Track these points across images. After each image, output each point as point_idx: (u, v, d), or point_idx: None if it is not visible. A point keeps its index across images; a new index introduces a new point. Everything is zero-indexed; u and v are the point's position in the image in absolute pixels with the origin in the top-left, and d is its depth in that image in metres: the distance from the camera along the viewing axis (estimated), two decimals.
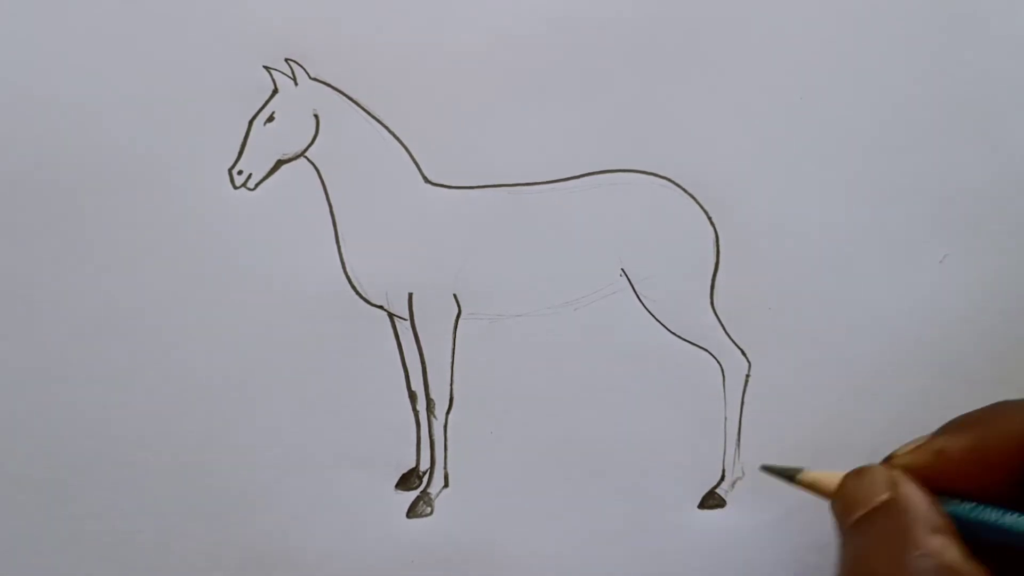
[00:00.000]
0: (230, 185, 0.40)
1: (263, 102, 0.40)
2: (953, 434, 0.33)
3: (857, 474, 0.34)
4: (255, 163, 0.40)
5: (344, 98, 0.41)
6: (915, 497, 0.32)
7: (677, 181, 0.42)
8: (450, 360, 0.41)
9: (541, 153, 0.41)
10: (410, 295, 0.41)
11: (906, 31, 0.42)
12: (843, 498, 0.34)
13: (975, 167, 0.42)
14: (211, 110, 0.40)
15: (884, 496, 0.32)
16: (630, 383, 0.41)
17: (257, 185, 0.40)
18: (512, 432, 0.41)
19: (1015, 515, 0.32)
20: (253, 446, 0.40)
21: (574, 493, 0.41)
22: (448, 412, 0.41)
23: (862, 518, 0.32)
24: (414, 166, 0.41)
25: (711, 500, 0.41)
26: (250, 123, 0.40)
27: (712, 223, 0.42)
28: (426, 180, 0.41)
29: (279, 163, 0.40)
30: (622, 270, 0.41)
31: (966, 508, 0.32)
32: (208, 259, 0.40)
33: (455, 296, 0.41)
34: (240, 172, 0.40)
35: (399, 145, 0.41)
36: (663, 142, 0.42)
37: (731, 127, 0.42)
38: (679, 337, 0.41)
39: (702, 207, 0.42)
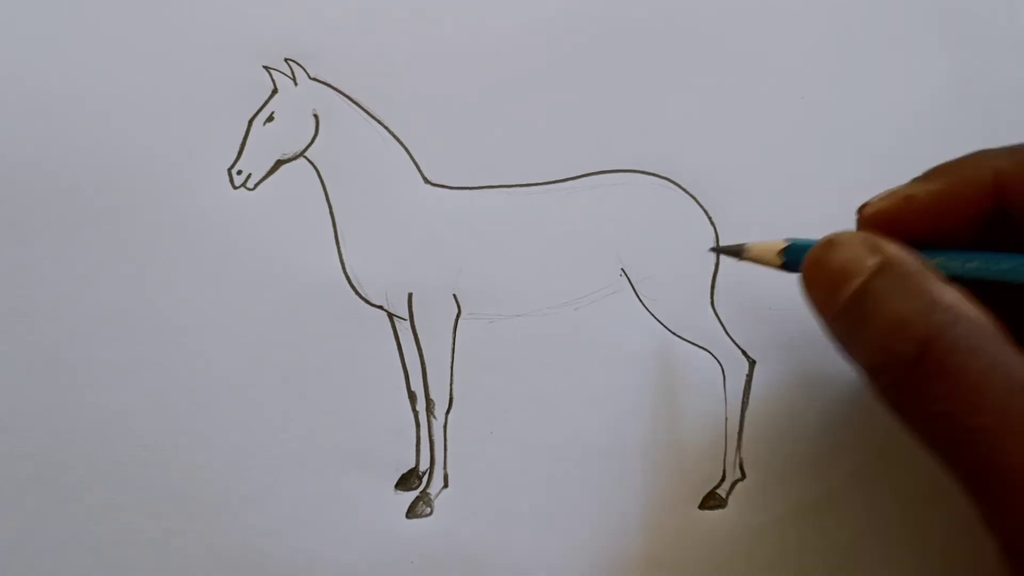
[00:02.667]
0: (229, 185, 0.40)
1: (263, 102, 0.40)
2: (923, 181, 0.33)
3: (828, 246, 0.31)
4: (254, 163, 0.40)
5: (344, 98, 0.41)
6: (907, 257, 0.30)
7: (677, 181, 0.42)
8: (450, 360, 0.41)
9: (541, 153, 0.41)
10: (410, 295, 0.41)
11: (906, 31, 0.42)
12: (821, 276, 0.31)
13: None
14: (210, 110, 0.40)
15: (874, 261, 0.30)
16: (630, 383, 0.41)
17: (256, 185, 0.40)
18: (512, 432, 0.41)
19: (976, 255, 0.31)
20: (253, 446, 0.40)
21: (574, 493, 0.41)
22: (448, 412, 0.41)
23: (858, 291, 0.30)
24: (414, 167, 0.41)
25: (711, 500, 0.41)
26: (249, 123, 0.40)
27: (712, 223, 0.42)
28: (426, 181, 0.41)
29: (278, 163, 0.40)
30: (622, 270, 0.41)
31: (935, 256, 0.31)
32: (207, 259, 0.40)
33: (455, 296, 0.41)
34: (239, 172, 0.40)
35: (399, 145, 0.41)
36: (663, 142, 0.42)
37: (731, 127, 0.42)
38: (679, 337, 0.41)
39: (702, 207, 0.42)
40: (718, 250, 0.39)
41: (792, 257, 0.34)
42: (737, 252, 0.36)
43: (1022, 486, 0.27)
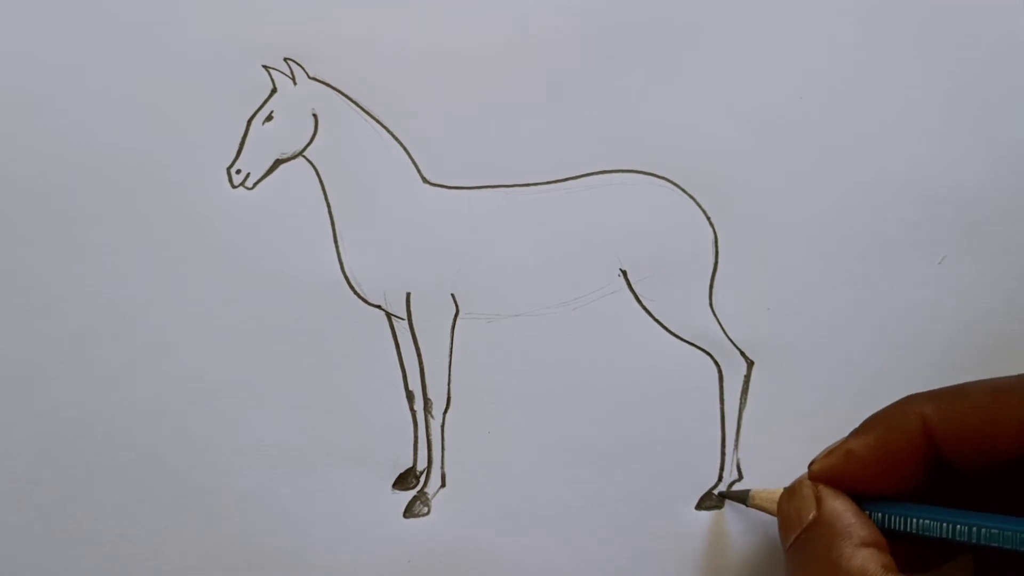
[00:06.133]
0: (228, 184, 0.40)
1: (262, 101, 0.40)
2: (860, 435, 0.34)
3: (788, 493, 0.35)
4: (253, 162, 0.40)
5: (343, 98, 0.41)
6: (839, 511, 0.33)
7: (676, 181, 0.42)
8: (448, 360, 0.41)
9: (540, 153, 0.41)
10: (408, 295, 0.41)
11: (905, 31, 0.42)
12: (780, 519, 0.35)
13: (974, 167, 0.42)
14: (210, 109, 0.40)
15: (812, 514, 0.33)
16: (628, 383, 0.41)
17: (255, 184, 0.40)
18: (509, 432, 0.41)
19: (924, 510, 0.33)
20: (250, 445, 0.40)
21: (571, 493, 0.41)
22: (446, 412, 0.41)
23: (796, 539, 0.33)
24: (412, 166, 0.41)
25: (708, 501, 0.41)
26: (249, 122, 0.40)
27: (711, 223, 0.42)
28: (424, 180, 0.41)
29: (277, 162, 0.40)
30: (621, 270, 0.41)
31: (880, 508, 0.33)
32: (206, 258, 0.40)
33: (453, 296, 0.41)
34: (238, 171, 0.40)
35: (398, 145, 0.41)
36: (663, 142, 0.42)
37: (730, 127, 0.42)
38: (677, 337, 0.41)
39: (701, 207, 0.42)
40: (726, 495, 0.41)
41: None
42: (743, 499, 0.39)
43: None
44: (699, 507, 0.41)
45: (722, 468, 0.41)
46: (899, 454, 0.33)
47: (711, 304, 0.42)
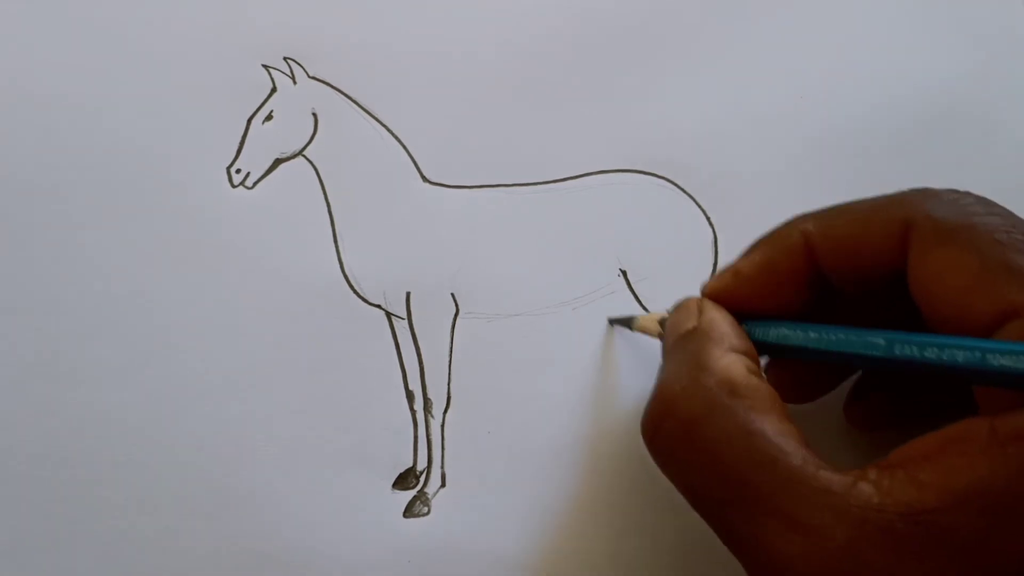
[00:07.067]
0: (228, 184, 0.40)
1: (262, 100, 0.40)
2: (747, 255, 0.35)
3: (676, 309, 0.35)
4: (253, 162, 0.40)
5: (343, 97, 0.41)
6: (716, 321, 0.33)
7: (676, 181, 0.42)
8: (448, 359, 0.41)
9: (541, 153, 0.41)
10: (408, 294, 0.41)
11: (906, 31, 0.42)
12: (665, 332, 0.35)
13: (974, 167, 0.42)
14: (209, 109, 0.40)
15: (692, 324, 0.33)
16: (628, 383, 0.41)
17: (255, 184, 0.40)
18: (510, 432, 0.41)
19: (802, 327, 0.32)
20: (249, 445, 0.40)
21: (570, 493, 0.41)
22: (445, 411, 0.41)
23: (671, 345, 0.34)
24: (412, 165, 0.41)
25: None
26: (248, 121, 0.40)
27: (711, 223, 0.42)
28: (424, 179, 0.41)
29: (277, 162, 0.40)
30: (620, 270, 0.41)
31: (762, 326, 0.33)
32: (205, 258, 0.40)
33: (453, 295, 0.41)
34: (238, 171, 0.40)
35: (398, 144, 0.41)
36: (663, 142, 0.42)
37: (731, 127, 0.42)
38: None
39: (701, 208, 0.42)
40: (612, 320, 0.41)
41: None
42: (628, 324, 0.39)
43: (761, 566, 0.28)
44: None
45: None
46: (782, 271, 0.34)
47: None
